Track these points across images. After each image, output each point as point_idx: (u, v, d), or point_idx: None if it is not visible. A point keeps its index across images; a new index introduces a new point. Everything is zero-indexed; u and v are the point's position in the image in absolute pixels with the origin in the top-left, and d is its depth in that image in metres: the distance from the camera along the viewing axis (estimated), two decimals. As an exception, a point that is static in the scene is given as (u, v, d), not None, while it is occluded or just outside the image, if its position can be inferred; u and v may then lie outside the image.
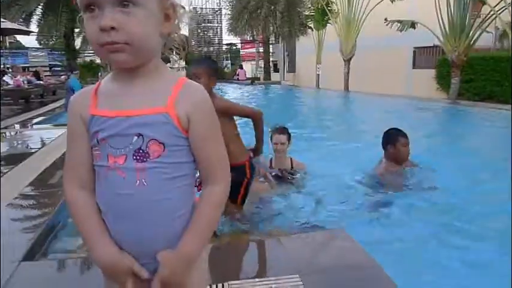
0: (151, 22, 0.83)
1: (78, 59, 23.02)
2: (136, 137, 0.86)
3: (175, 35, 0.92)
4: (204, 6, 31.32)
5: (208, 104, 0.92)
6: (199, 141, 0.90)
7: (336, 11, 17.61)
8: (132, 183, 0.87)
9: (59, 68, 26.49)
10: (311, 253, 2.18)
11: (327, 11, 17.86)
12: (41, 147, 5.03)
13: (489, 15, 11.03)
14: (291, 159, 4.07)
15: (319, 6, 18.42)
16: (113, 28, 0.79)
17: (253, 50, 32.60)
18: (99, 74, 28.44)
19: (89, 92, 0.92)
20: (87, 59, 27.32)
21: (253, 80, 23.88)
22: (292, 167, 4.05)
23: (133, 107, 0.87)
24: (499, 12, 10.52)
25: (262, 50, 26.24)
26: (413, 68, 18.11)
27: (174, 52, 0.96)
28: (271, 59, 27.28)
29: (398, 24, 13.41)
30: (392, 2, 13.47)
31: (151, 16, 0.83)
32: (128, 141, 0.87)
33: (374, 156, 4.22)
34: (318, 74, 19.15)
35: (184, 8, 0.91)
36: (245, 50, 37.11)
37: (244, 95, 16.06)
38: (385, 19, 13.66)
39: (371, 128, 7.36)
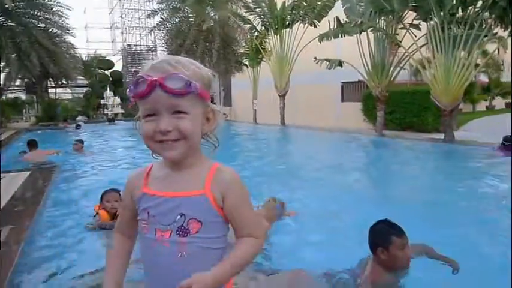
0: (197, 124, 1.06)
1: (2, 96, 21.54)
2: (179, 216, 1.07)
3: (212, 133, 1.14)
4: (138, 43, 31.34)
5: (237, 181, 1.12)
6: (232, 211, 1.10)
7: (269, 49, 18.60)
8: (175, 254, 1.07)
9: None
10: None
11: (260, 49, 18.80)
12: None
13: (404, 56, 12.45)
14: None
15: (253, 45, 19.32)
16: (168, 131, 1.00)
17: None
18: (24, 111, 26.81)
19: (142, 174, 1.16)
20: (11, 95, 25.59)
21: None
22: None
23: (177, 189, 1.08)
24: (412, 53, 11.93)
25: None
26: (342, 101, 19.58)
27: (109, 89, 1.23)
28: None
29: (327, 62, 14.56)
30: (320, 42, 14.59)
31: (197, 119, 1.06)
32: (173, 219, 1.07)
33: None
34: (255, 109, 19.81)
35: (220, 111, 1.15)
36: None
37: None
38: (315, 58, 14.75)
39: (313, 163, 7.87)
